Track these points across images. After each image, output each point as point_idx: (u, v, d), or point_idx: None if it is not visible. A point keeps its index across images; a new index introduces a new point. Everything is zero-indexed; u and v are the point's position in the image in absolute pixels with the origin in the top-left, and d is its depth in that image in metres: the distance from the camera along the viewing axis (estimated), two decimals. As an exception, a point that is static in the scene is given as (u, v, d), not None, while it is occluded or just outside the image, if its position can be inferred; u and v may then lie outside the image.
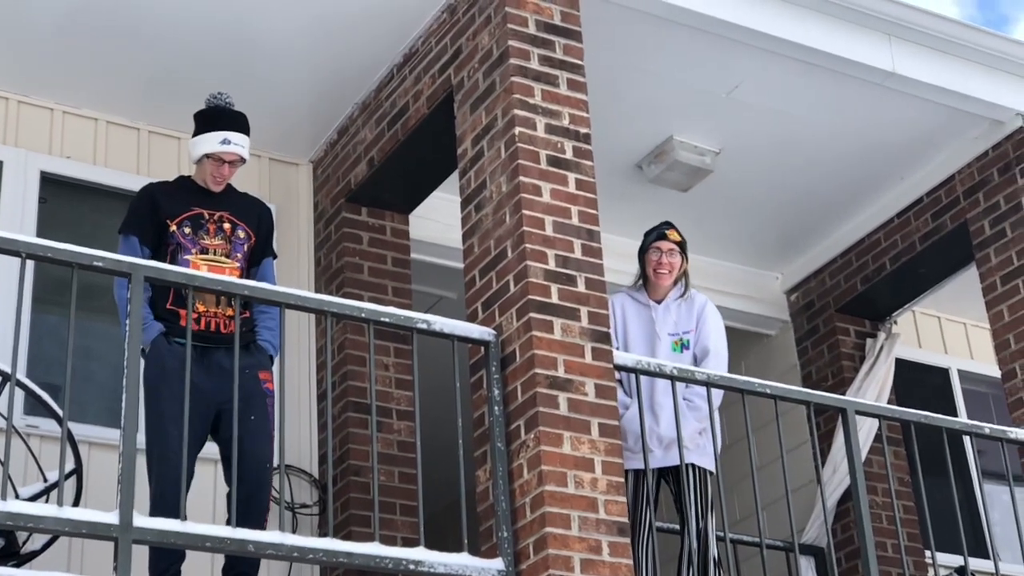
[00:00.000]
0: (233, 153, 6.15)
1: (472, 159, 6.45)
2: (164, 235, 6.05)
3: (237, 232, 6.17)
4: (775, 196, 8.52)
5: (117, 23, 6.93)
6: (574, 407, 5.74)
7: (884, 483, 7.88)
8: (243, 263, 6.15)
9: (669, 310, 6.73)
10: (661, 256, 6.76)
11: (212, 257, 6.06)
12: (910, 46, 7.57)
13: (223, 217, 6.16)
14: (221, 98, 6.26)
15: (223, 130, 6.15)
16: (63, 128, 7.36)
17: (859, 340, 8.87)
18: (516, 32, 6.41)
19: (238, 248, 6.14)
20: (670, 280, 6.78)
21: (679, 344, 6.65)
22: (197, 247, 6.05)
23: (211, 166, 6.18)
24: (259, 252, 6.24)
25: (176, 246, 6.03)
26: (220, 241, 6.11)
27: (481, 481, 5.87)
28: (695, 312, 6.72)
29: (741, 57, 7.34)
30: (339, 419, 7.11)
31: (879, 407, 6.98)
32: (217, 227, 6.13)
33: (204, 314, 5.92)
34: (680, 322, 6.70)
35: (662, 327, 6.68)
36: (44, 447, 6.30)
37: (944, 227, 8.22)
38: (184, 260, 5.99)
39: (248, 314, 6.03)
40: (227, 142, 6.13)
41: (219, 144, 6.13)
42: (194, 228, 6.08)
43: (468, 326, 5.96)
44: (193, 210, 6.13)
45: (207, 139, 6.16)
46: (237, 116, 6.23)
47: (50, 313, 6.94)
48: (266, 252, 6.28)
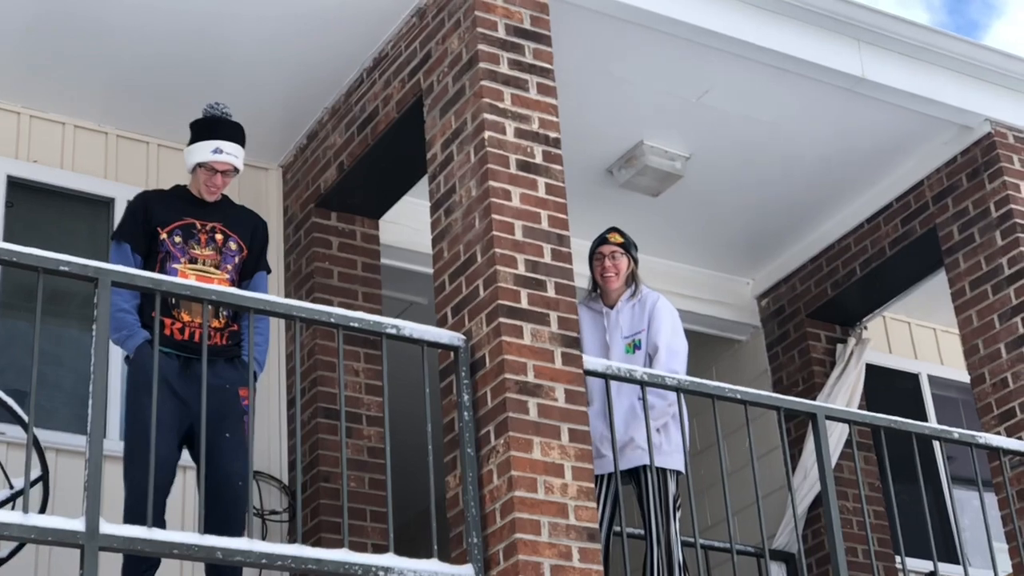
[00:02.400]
0: (225, 163, 6.12)
1: (442, 163, 6.44)
2: (155, 243, 6.02)
3: (229, 243, 6.14)
4: (745, 201, 8.52)
5: (84, 26, 6.89)
6: (544, 412, 5.72)
7: (854, 488, 7.90)
8: (233, 275, 6.11)
9: (622, 313, 6.75)
10: (604, 260, 6.80)
11: (200, 267, 6.03)
12: (880, 51, 7.59)
13: (215, 228, 6.14)
14: (218, 108, 6.24)
15: (216, 139, 6.12)
16: (30, 132, 7.32)
17: (829, 345, 8.88)
18: (485, 36, 6.39)
19: (228, 259, 6.11)
20: (618, 282, 6.79)
21: (631, 346, 6.66)
22: (186, 256, 6.02)
23: (204, 175, 6.15)
24: (251, 265, 6.21)
25: (165, 254, 6.01)
26: (211, 251, 6.08)
27: (451, 487, 5.84)
28: (647, 311, 6.72)
29: (711, 62, 7.34)
30: (309, 425, 7.08)
31: (849, 412, 6.98)
32: (209, 237, 6.10)
33: (189, 324, 5.88)
34: (633, 323, 6.71)
35: (615, 331, 6.69)
36: (10, 454, 6.27)
37: (913, 232, 8.24)
38: (172, 269, 5.97)
39: (236, 327, 5.98)
40: (219, 151, 6.11)
41: (211, 153, 6.10)
42: (185, 237, 6.06)
43: (438, 331, 5.94)
44: (185, 219, 6.10)
45: (200, 148, 6.14)
46: (231, 126, 6.21)
47: (17, 319, 6.89)
48: (259, 265, 6.25)
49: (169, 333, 5.85)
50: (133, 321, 5.85)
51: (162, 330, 5.81)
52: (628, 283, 6.83)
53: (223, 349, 5.95)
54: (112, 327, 5.84)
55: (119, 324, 5.86)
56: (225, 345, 5.96)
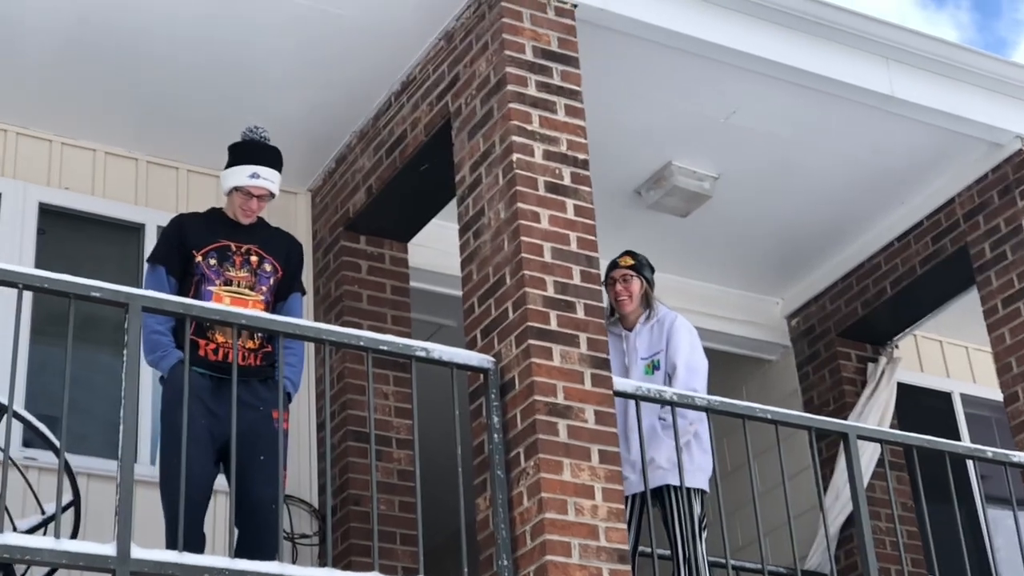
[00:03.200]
0: (262, 188, 6.15)
1: (470, 186, 6.45)
2: (190, 266, 6.05)
3: (264, 265, 6.15)
4: (774, 221, 8.51)
5: (114, 54, 6.94)
6: (574, 434, 5.71)
7: (887, 508, 7.84)
8: (268, 297, 6.12)
9: (640, 335, 6.77)
10: (616, 284, 6.82)
11: (236, 289, 6.04)
12: (908, 69, 7.57)
13: (251, 250, 6.15)
14: (256, 132, 6.26)
15: (253, 164, 6.14)
16: (61, 159, 7.37)
17: (860, 365, 8.84)
18: (513, 59, 6.40)
19: (263, 281, 6.12)
20: (632, 305, 6.83)
21: (650, 367, 6.66)
22: (221, 279, 6.04)
23: (239, 199, 6.17)
24: (286, 287, 6.22)
25: (200, 277, 6.03)
26: (245, 273, 6.10)
27: (481, 509, 5.84)
28: (664, 331, 6.73)
29: (739, 82, 7.33)
30: (338, 448, 7.08)
31: (881, 432, 6.95)
32: (244, 259, 6.12)
33: (223, 345, 5.89)
34: (651, 344, 6.73)
35: (633, 353, 6.71)
36: (42, 479, 6.28)
37: (944, 250, 8.20)
38: (207, 291, 5.99)
39: (271, 348, 6.00)
40: (256, 176, 6.13)
41: (248, 178, 6.13)
42: (220, 259, 6.07)
43: (467, 354, 5.95)
44: (220, 242, 6.12)
45: (237, 172, 6.16)
46: (269, 150, 6.22)
47: (49, 345, 6.92)
48: (294, 287, 6.26)
49: (203, 354, 5.87)
50: (167, 342, 5.87)
51: (196, 351, 5.84)
52: (644, 305, 6.83)
53: (257, 370, 5.96)
54: (146, 348, 5.87)
55: (153, 345, 5.88)
56: (259, 366, 5.97)
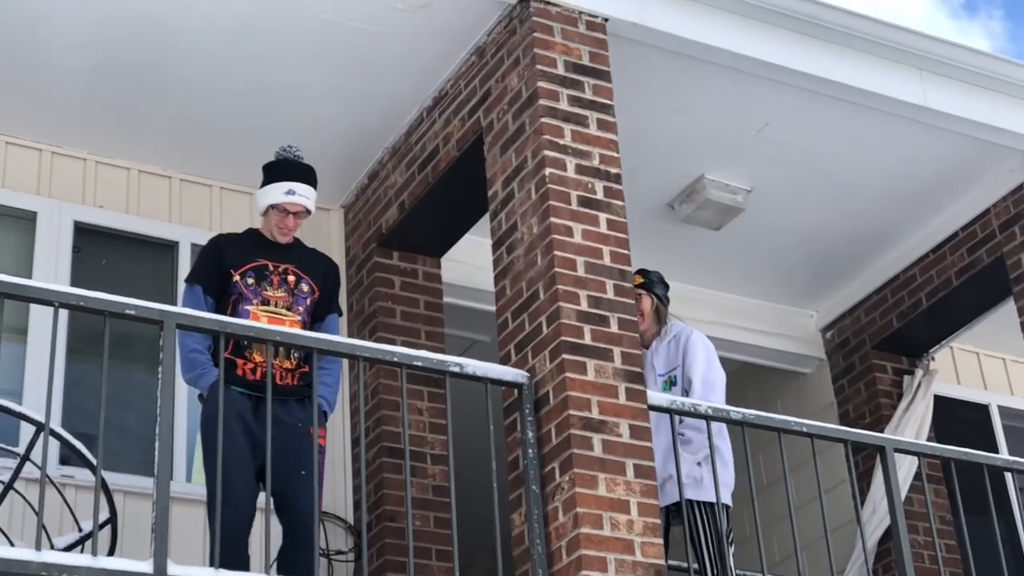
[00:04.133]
0: (298, 204, 6.17)
1: (503, 201, 6.44)
2: (228, 285, 6.06)
3: (301, 285, 6.17)
4: (808, 233, 8.47)
5: (147, 73, 6.97)
6: (608, 448, 5.70)
7: (925, 522, 7.78)
8: (305, 317, 6.13)
9: (658, 352, 6.79)
10: None
11: (273, 309, 6.06)
12: (941, 79, 7.54)
13: (288, 269, 6.17)
14: (290, 151, 6.29)
15: (289, 180, 6.17)
16: (96, 178, 7.40)
17: (896, 377, 8.79)
18: (545, 73, 6.40)
19: (300, 301, 6.14)
20: (645, 323, 6.83)
21: (668, 383, 6.65)
22: (259, 298, 6.05)
23: (276, 217, 6.20)
24: (324, 307, 6.23)
25: (238, 296, 6.04)
26: (283, 293, 6.11)
27: (516, 525, 5.82)
28: (680, 347, 6.72)
29: (771, 94, 7.31)
30: (373, 464, 7.08)
31: (918, 445, 6.91)
32: (281, 279, 6.14)
33: (260, 364, 5.89)
34: (668, 360, 6.73)
35: (650, 372, 6.70)
36: (79, 496, 6.30)
37: (980, 261, 8.15)
38: (245, 311, 6.00)
39: (308, 368, 5.98)
40: (292, 193, 6.16)
41: (284, 195, 6.16)
42: (257, 279, 6.09)
43: (501, 369, 5.94)
44: (258, 261, 6.14)
45: (273, 190, 6.19)
46: (304, 168, 6.25)
47: (85, 363, 6.95)
48: (331, 308, 6.27)
49: (241, 373, 5.88)
50: (205, 360, 5.89)
51: (234, 370, 5.85)
52: (657, 322, 6.82)
53: (295, 389, 5.96)
54: (184, 367, 5.89)
55: (191, 364, 5.90)
56: (296, 386, 5.97)
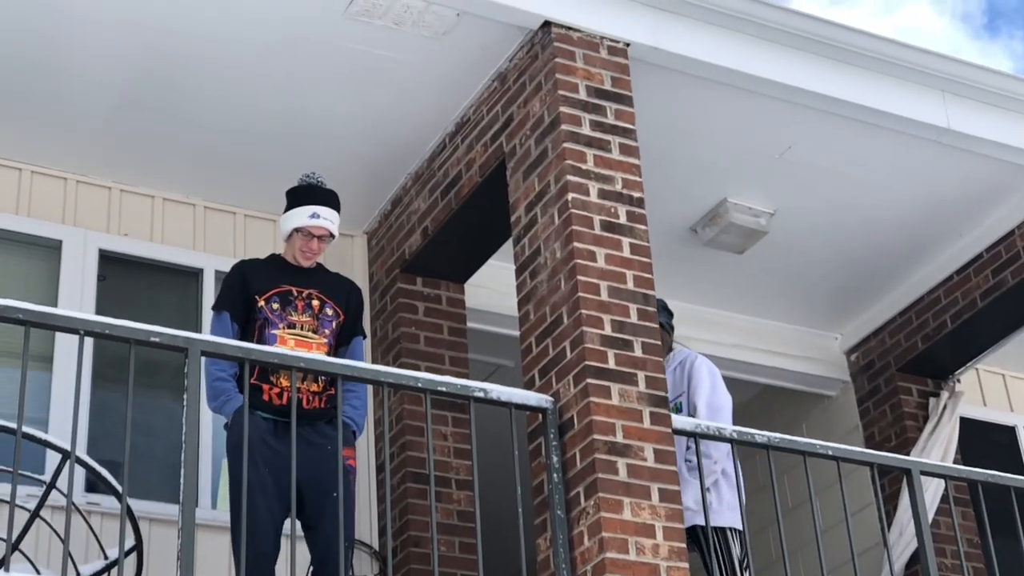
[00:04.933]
0: (322, 228, 6.20)
1: (526, 226, 6.45)
2: (253, 311, 6.09)
3: (325, 310, 6.19)
4: (832, 256, 8.46)
5: (171, 102, 7.00)
6: (633, 473, 5.69)
7: (952, 545, 7.74)
8: (331, 340, 6.15)
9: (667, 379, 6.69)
10: None
11: (299, 332, 6.08)
12: (964, 101, 7.53)
13: (312, 294, 6.19)
14: (313, 177, 6.33)
15: (313, 204, 6.20)
16: (120, 206, 7.44)
17: (922, 399, 8.76)
18: (567, 98, 6.42)
19: (326, 325, 6.16)
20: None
21: (674, 409, 6.58)
22: (284, 322, 6.07)
23: (300, 241, 6.22)
24: (348, 331, 6.25)
25: (264, 321, 6.06)
26: (308, 318, 6.13)
27: (542, 550, 5.81)
28: (686, 373, 6.69)
29: (793, 117, 7.31)
30: (398, 490, 7.08)
31: (945, 467, 6.88)
32: (305, 304, 6.16)
33: (287, 389, 5.90)
34: (674, 387, 6.67)
35: None
36: (105, 524, 6.32)
37: (1005, 282, 8.13)
38: (271, 335, 6.02)
39: (334, 391, 5.99)
40: (316, 216, 6.19)
41: (308, 218, 6.18)
42: (282, 304, 6.11)
43: (525, 393, 5.94)
44: (282, 287, 6.16)
45: (297, 214, 6.22)
46: (327, 192, 6.28)
47: (110, 390, 6.97)
48: (355, 331, 6.28)
49: (267, 399, 5.89)
50: (230, 388, 5.90)
51: (260, 395, 5.87)
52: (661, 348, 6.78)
53: (322, 412, 5.97)
54: (209, 396, 5.91)
55: (216, 392, 5.92)
56: (324, 408, 5.98)
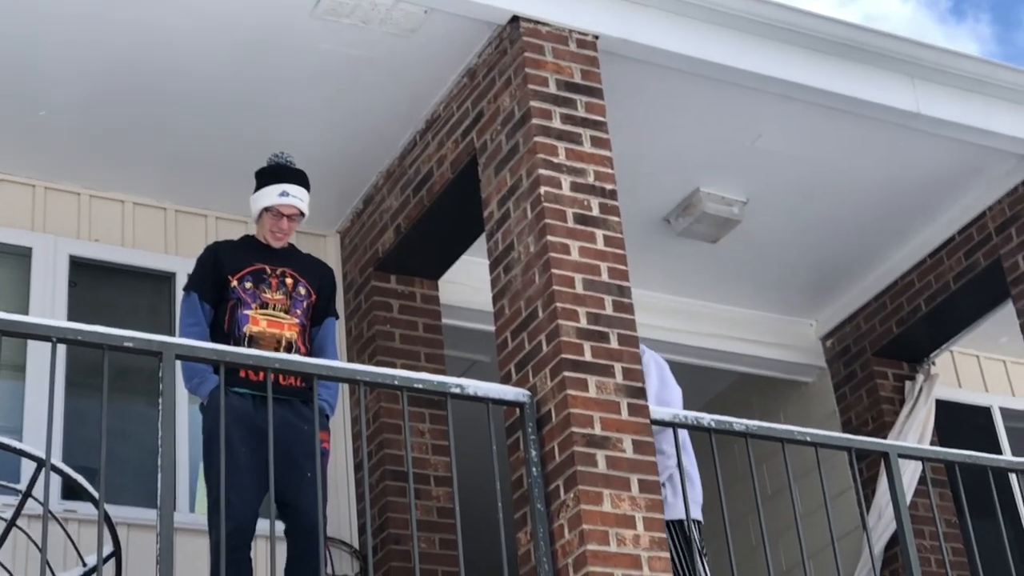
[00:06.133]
0: (291, 206, 6.19)
1: (499, 221, 6.45)
2: (225, 290, 6.08)
3: (298, 288, 6.18)
4: (805, 242, 8.48)
5: (138, 106, 6.97)
6: (612, 464, 5.69)
7: (931, 526, 7.78)
8: (303, 320, 6.14)
9: None
10: None
11: (272, 312, 6.06)
12: (933, 86, 7.54)
13: (285, 272, 6.18)
14: (282, 156, 6.32)
15: (281, 183, 6.19)
16: (90, 212, 7.40)
17: (898, 383, 8.79)
18: (537, 92, 6.41)
19: (298, 304, 6.14)
20: None
21: None
22: (257, 301, 6.06)
23: (270, 220, 6.22)
24: (321, 312, 6.24)
25: (236, 301, 6.05)
26: (281, 296, 6.12)
27: (522, 544, 5.81)
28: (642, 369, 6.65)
29: (763, 106, 7.32)
30: (377, 488, 7.07)
31: (922, 449, 6.91)
32: (279, 282, 6.15)
33: None
34: None
35: None
36: (82, 530, 6.29)
37: (977, 265, 8.16)
38: (244, 316, 6.01)
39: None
40: (285, 195, 6.18)
41: (277, 197, 6.18)
42: (256, 282, 6.10)
43: (502, 388, 5.94)
44: (255, 265, 6.16)
45: (266, 193, 6.21)
46: (296, 171, 6.28)
47: (85, 396, 6.93)
48: (328, 312, 6.29)
49: (244, 375, 5.86)
50: (204, 368, 5.86)
51: (236, 372, 5.82)
52: None
53: (299, 391, 5.95)
54: (184, 376, 5.89)
55: (191, 372, 5.90)
56: (300, 387, 5.95)
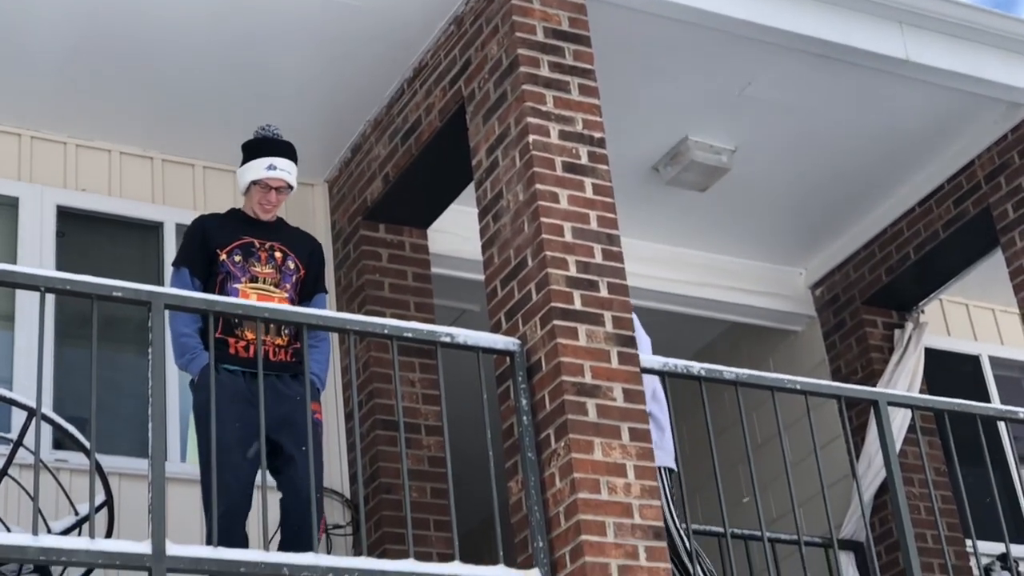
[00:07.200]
0: (279, 179, 6.15)
1: (487, 169, 6.43)
2: (214, 265, 6.05)
3: (287, 262, 6.16)
4: (794, 191, 8.47)
5: (125, 54, 6.93)
6: (603, 413, 5.70)
7: (920, 474, 7.81)
8: (292, 295, 6.13)
9: None
10: None
11: (261, 286, 6.05)
12: (923, 33, 7.52)
13: (274, 246, 6.16)
14: (268, 129, 6.28)
15: (269, 156, 6.16)
16: (77, 161, 7.37)
17: (887, 332, 8.80)
18: (524, 40, 6.38)
19: (287, 278, 6.13)
20: None
21: None
22: (247, 275, 6.04)
23: (258, 193, 6.18)
24: (310, 286, 6.23)
25: (226, 275, 6.03)
26: (270, 270, 6.10)
27: (513, 492, 5.83)
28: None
29: (752, 53, 7.29)
30: (368, 438, 7.08)
31: (911, 397, 6.93)
32: (268, 255, 6.13)
33: (252, 342, 5.87)
34: None
35: None
36: (74, 480, 6.30)
37: (967, 213, 8.16)
38: (233, 289, 5.99)
39: (299, 344, 5.96)
40: (273, 168, 6.14)
41: (265, 170, 6.14)
42: (244, 256, 6.08)
43: (492, 337, 5.93)
44: (243, 239, 6.13)
45: (254, 166, 6.17)
46: (283, 144, 6.24)
47: (74, 347, 6.93)
48: (317, 287, 6.27)
49: (233, 352, 5.87)
50: (195, 344, 5.87)
51: (226, 349, 5.84)
52: None
53: (288, 365, 5.96)
54: (175, 353, 5.88)
55: (181, 349, 5.89)
56: (290, 361, 5.97)
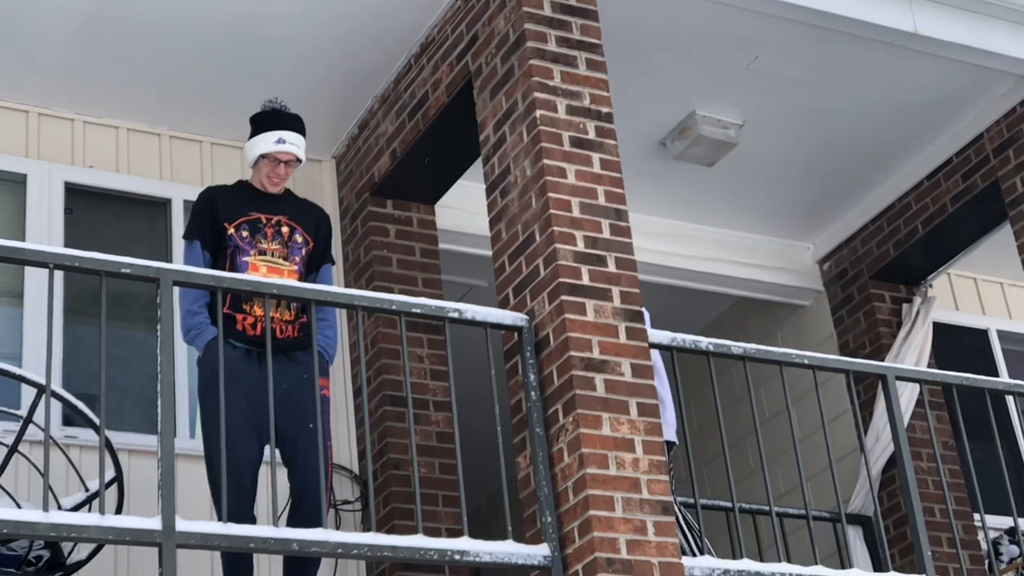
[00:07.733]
0: (288, 152, 6.15)
1: (495, 145, 6.42)
2: (223, 238, 6.06)
3: (295, 236, 6.16)
4: (802, 165, 8.45)
5: (132, 31, 6.93)
6: (611, 388, 5.70)
7: (928, 448, 7.82)
8: (301, 267, 6.13)
9: None
10: None
11: (271, 259, 6.05)
12: (931, 5, 7.48)
13: (281, 221, 6.16)
14: (276, 102, 6.27)
15: (278, 130, 6.15)
16: (84, 138, 7.37)
17: (895, 306, 8.79)
18: (532, 15, 6.36)
19: (295, 252, 6.13)
20: None
21: None
22: (255, 249, 6.05)
23: (267, 167, 6.18)
24: (318, 258, 6.23)
25: (235, 248, 6.04)
26: (278, 245, 6.10)
27: (522, 468, 5.84)
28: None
29: (760, 27, 7.26)
30: (376, 413, 7.09)
31: (919, 372, 6.92)
32: (275, 231, 6.13)
33: (260, 319, 5.88)
34: None
35: None
36: (84, 456, 6.31)
37: (975, 186, 8.14)
38: (243, 262, 6.00)
39: (307, 319, 5.97)
40: (282, 141, 6.14)
41: (274, 144, 6.13)
42: (252, 232, 6.08)
43: (500, 312, 5.93)
44: (251, 214, 6.13)
45: (262, 139, 6.17)
46: (292, 117, 6.24)
47: (83, 324, 6.94)
48: (324, 259, 6.27)
49: (241, 328, 5.88)
50: (202, 320, 5.87)
51: (234, 325, 5.85)
52: None
53: (296, 341, 5.96)
54: (182, 328, 5.90)
55: (188, 325, 5.90)
56: (297, 337, 5.97)
